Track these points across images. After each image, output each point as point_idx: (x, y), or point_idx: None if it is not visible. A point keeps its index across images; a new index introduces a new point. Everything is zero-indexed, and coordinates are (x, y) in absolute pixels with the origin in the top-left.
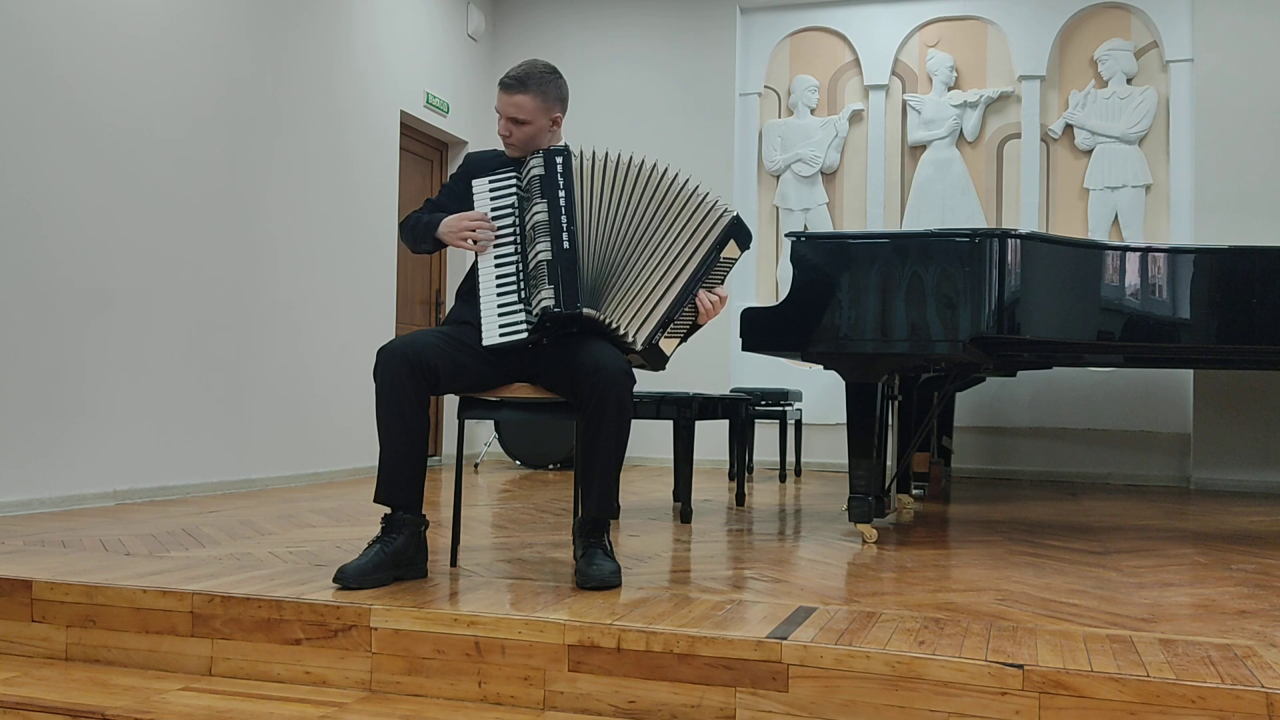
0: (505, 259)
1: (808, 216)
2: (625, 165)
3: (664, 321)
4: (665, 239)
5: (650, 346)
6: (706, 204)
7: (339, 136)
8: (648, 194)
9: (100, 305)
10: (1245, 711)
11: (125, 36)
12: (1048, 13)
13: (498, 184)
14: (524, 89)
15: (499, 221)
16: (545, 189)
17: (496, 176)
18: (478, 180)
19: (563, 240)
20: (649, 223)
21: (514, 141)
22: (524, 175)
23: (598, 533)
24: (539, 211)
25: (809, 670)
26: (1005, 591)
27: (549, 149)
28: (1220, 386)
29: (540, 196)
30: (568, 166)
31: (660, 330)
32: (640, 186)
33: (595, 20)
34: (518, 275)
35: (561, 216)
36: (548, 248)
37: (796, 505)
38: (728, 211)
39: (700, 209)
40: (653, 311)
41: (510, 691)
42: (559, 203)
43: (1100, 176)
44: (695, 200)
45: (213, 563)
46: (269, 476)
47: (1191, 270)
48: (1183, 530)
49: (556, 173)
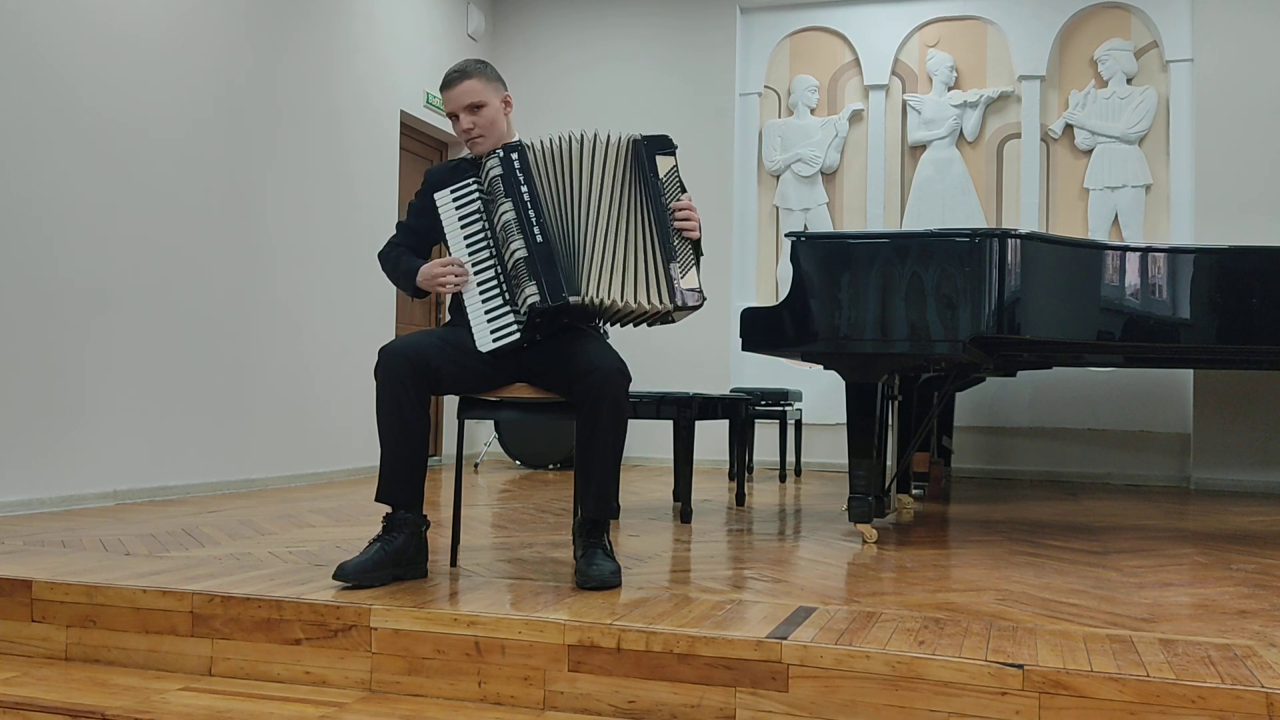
0: (483, 264)
1: (808, 216)
2: (568, 145)
3: (669, 269)
4: (607, 198)
5: (676, 304)
6: (612, 145)
7: (339, 136)
8: (586, 165)
9: (100, 305)
10: (1245, 711)
11: (125, 38)
12: (1048, 13)
13: (459, 193)
14: (466, 77)
15: (469, 229)
16: (507, 187)
17: (457, 186)
18: (439, 194)
19: (534, 235)
20: (593, 192)
21: (478, 132)
22: (484, 178)
23: (597, 533)
24: (505, 211)
25: (809, 670)
26: (1005, 591)
27: (504, 146)
28: (1220, 386)
29: (504, 196)
30: (524, 160)
31: (679, 275)
32: (580, 161)
33: (595, 20)
34: (498, 278)
35: (529, 211)
36: (522, 245)
37: (796, 505)
38: (628, 139)
39: (610, 153)
40: (649, 267)
41: (510, 691)
42: (523, 198)
43: (1100, 176)
44: (605, 148)
45: (213, 563)
46: (269, 476)
47: (1191, 270)
48: (1183, 530)
49: (514, 169)
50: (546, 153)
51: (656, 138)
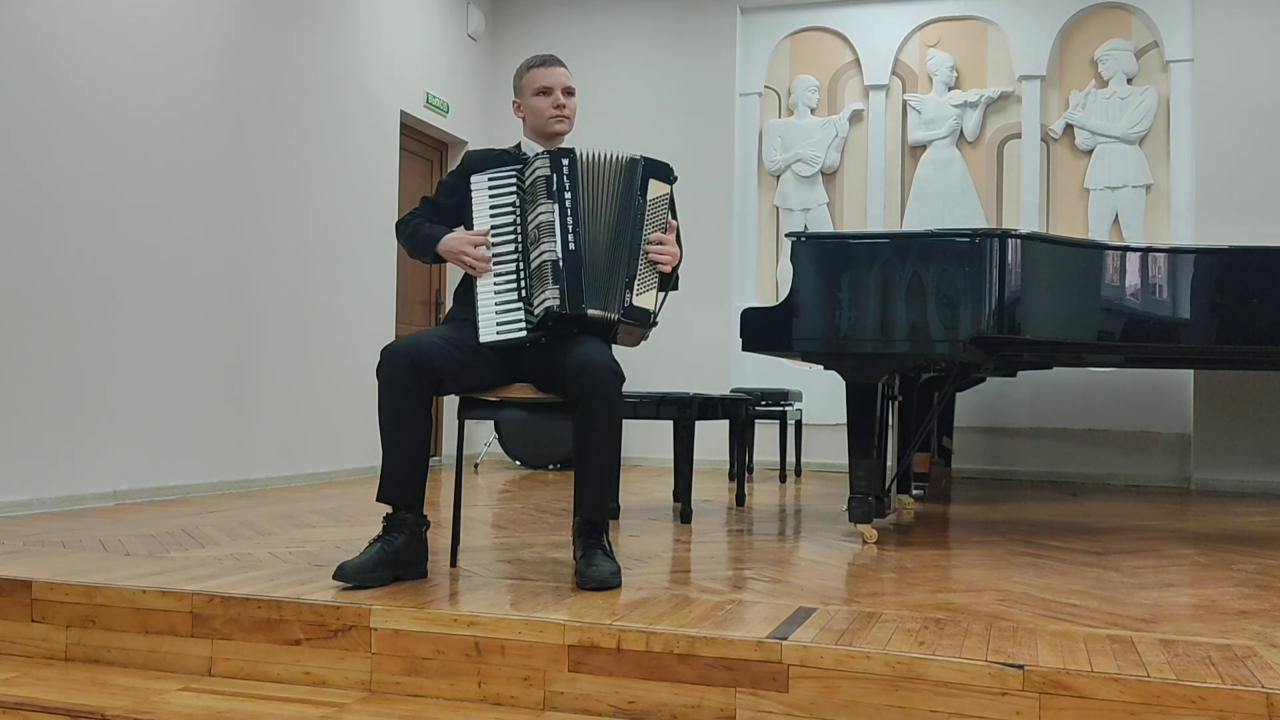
0: (504, 258)
1: (808, 216)
2: (606, 162)
3: (628, 281)
4: (618, 217)
5: (626, 309)
6: (620, 162)
7: (339, 136)
8: (613, 183)
9: (101, 305)
10: (1245, 711)
11: (126, 38)
12: (1048, 13)
13: (497, 181)
14: (561, 64)
15: (497, 219)
16: (551, 190)
17: (496, 174)
18: (476, 176)
19: (569, 242)
20: (614, 211)
21: (568, 114)
22: (527, 175)
23: (597, 533)
24: (544, 212)
25: (809, 670)
26: (1005, 592)
27: (555, 150)
28: (1220, 386)
29: (546, 197)
30: (573, 168)
31: (626, 291)
32: (609, 179)
33: (595, 20)
34: (518, 274)
35: (568, 219)
36: (554, 248)
37: (796, 505)
38: (633, 159)
39: (620, 170)
40: (614, 280)
41: (510, 692)
42: (565, 205)
43: (1100, 176)
44: (617, 165)
45: (212, 563)
46: (269, 476)
47: (1192, 270)
48: (1183, 530)
49: (563, 174)
50: (590, 165)
51: (655, 163)
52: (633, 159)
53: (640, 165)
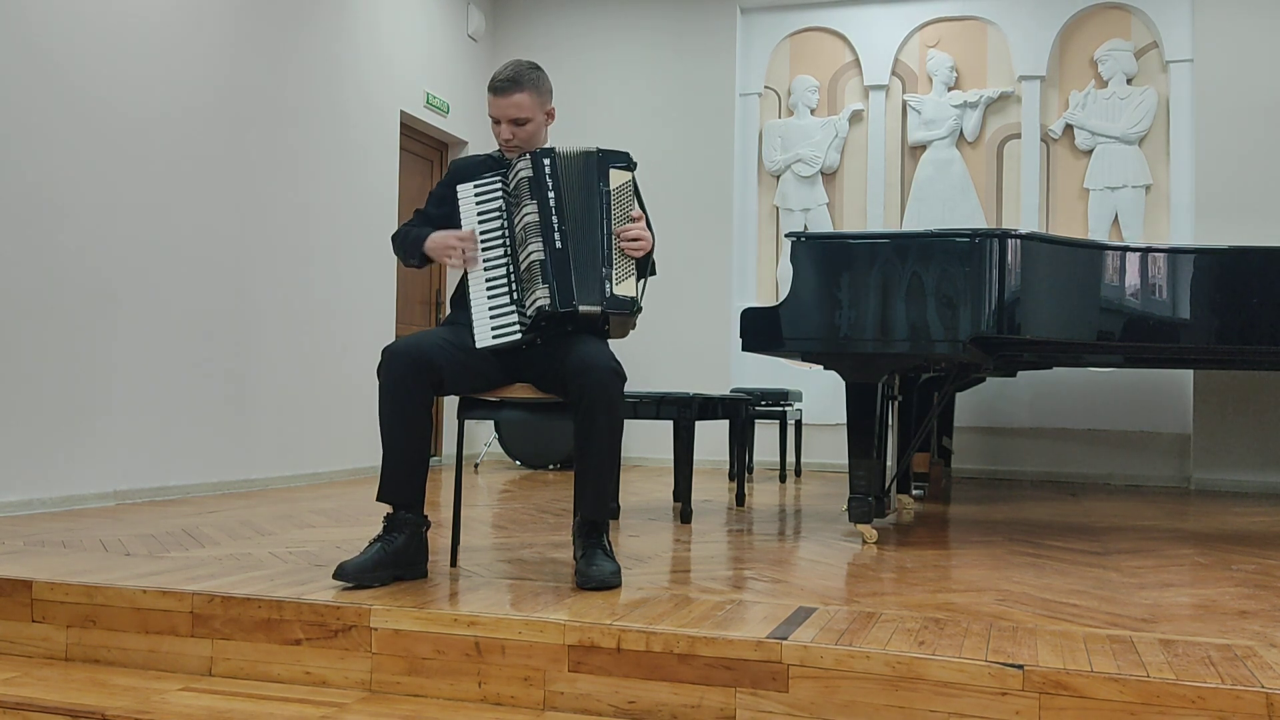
0: (494, 262)
1: (808, 217)
2: (574, 157)
3: (607, 272)
4: (590, 210)
5: (609, 299)
6: (580, 156)
7: (340, 136)
8: (580, 178)
9: (101, 306)
10: (1245, 711)
11: (126, 38)
12: (1048, 13)
13: (483, 188)
14: (519, 88)
15: (485, 225)
16: (534, 190)
17: (481, 181)
18: (462, 185)
19: (554, 240)
20: (586, 204)
21: (517, 144)
22: (511, 178)
23: (597, 533)
24: (529, 213)
25: (809, 670)
26: (1005, 592)
27: (536, 151)
28: (1220, 386)
29: (530, 198)
30: (555, 167)
31: (607, 282)
32: (579, 174)
33: (595, 20)
34: (508, 277)
35: (553, 217)
36: (540, 248)
37: (796, 505)
38: (589, 151)
39: (582, 164)
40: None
41: (510, 692)
42: (549, 203)
43: (1100, 177)
44: (580, 159)
45: (213, 563)
46: (269, 476)
47: (1191, 270)
48: (1183, 531)
49: (545, 174)
50: (571, 162)
51: (612, 152)
52: (588, 151)
53: (596, 156)
